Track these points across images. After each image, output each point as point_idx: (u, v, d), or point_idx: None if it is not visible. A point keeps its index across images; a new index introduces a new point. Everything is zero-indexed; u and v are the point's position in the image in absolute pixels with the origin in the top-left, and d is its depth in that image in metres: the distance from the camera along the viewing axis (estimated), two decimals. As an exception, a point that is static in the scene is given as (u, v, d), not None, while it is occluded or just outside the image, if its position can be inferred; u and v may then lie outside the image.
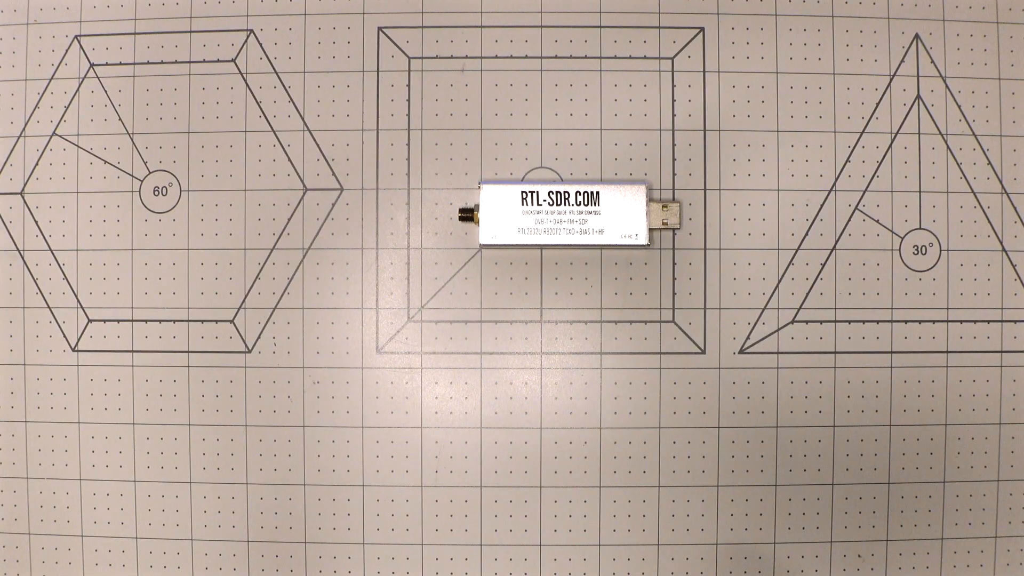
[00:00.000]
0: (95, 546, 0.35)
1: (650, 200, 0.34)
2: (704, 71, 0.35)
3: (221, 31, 0.35)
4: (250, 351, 0.35)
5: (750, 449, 0.35)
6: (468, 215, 0.34)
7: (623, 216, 0.32)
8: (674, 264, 0.35)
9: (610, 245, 0.34)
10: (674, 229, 0.34)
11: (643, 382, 0.35)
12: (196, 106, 0.35)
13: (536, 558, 0.35)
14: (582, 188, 0.32)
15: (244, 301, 0.35)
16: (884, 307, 0.35)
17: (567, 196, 0.32)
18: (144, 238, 0.35)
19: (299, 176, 0.35)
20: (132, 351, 0.35)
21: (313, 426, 0.35)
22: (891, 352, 0.35)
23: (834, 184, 0.35)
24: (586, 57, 0.35)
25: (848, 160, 0.35)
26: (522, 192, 0.32)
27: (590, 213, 0.32)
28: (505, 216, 0.32)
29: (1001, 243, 0.35)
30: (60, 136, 0.35)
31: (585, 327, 0.35)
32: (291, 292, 0.35)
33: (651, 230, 0.34)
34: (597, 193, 0.32)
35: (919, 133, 0.35)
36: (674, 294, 0.35)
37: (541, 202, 0.32)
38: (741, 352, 0.35)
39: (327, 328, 0.35)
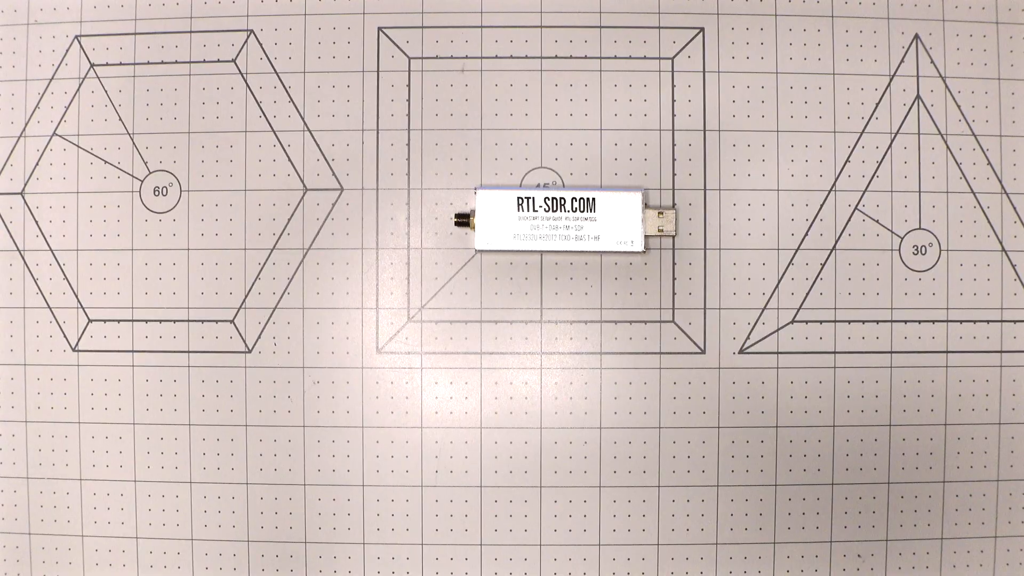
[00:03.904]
0: (95, 546, 0.35)
1: (646, 206, 0.34)
2: (704, 71, 0.35)
3: (221, 31, 0.35)
4: (250, 351, 0.35)
5: (750, 449, 0.35)
6: (464, 220, 0.33)
7: (619, 223, 0.32)
8: (674, 264, 0.35)
9: (606, 252, 0.34)
10: (671, 236, 0.34)
11: (643, 382, 0.35)
12: (196, 106, 0.35)
13: (536, 558, 0.35)
14: (578, 194, 0.32)
15: (244, 301, 0.35)
16: (884, 307, 0.35)
17: (563, 202, 0.32)
18: (144, 238, 0.35)
19: (299, 176, 0.35)
20: (132, 351, 0.35)
21: (313, 426, 0.35)
22: (891, 352, 0.35)
23: (834, 184, 0.35)
24: (586, 57, 0.35)
25: (848, 160, 0.35)
26: (518, 198, 0.32)
27: (586, 219, 0.32)
28: (501, 222, 0.32)
29: (1001, 243, 0.35)
30: (60, 136, 0.35)
31: (585, 327, 0.35)
32: (291, 292, 0.35)
33: (647, 236, 0.34)
34: (593, 200, 0.32)
35: (919, 133, 0.35)
36: (674, 294, 0.35)
37: (537, 208, 0.32)
38: (741, 352, 0.35)
39: (327, 328, 0.35)
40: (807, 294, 0.35)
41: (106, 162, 0.35)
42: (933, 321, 0.35)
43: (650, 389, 0.35)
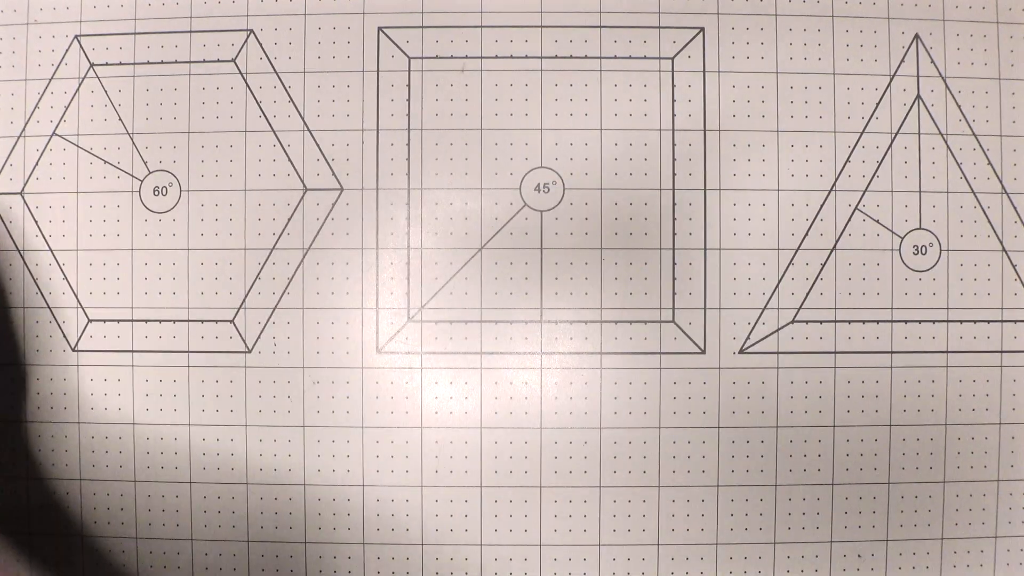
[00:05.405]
0: (95, 546, 0.35)
1: None
2: (704, 71, 0.35)
3: (221, 31, 0.35)
4: (250, 351, 0.35)
5: (750, 449, 0.35)
6: None
7: None
8: (674, 264, 0.35)
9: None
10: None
11: (643, 382, 0.35)
12: (196, 106, 0.35)
13: (536, 558, 0.35)
14: None
15: (244, 301, 0.35)
16: (884, 307, 0.35)
17: None
18: (144, 238, 0.35)
19: (299, 176, 0.35)
20: (132, 351, 0.35)
21: (313, 426, 0.35)
22: (891, 352, 0.35)
23: (834, 184, 0.35)
24: (586, 57, 0.35)
25: (848, 160, 0.35)
26: None
27: None
28: None
29: (1001, 243, 0.35)
30: (60, 136, 0.35)
31: (585, 327, 0.35)
32: (291, 292, 0.35)
33: None
34: None
35: (919, 133, 0.35)
36: (674, 294, 0.35)
37: None
38: (741, 352, 0.35)
39: (327, 328, 0.35)
40: (807, 294, 0.35)
41: (106, 162, 0.35)
42: (933, 321, 0.35)
43: (650, 389, 0.35)
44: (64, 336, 0.35)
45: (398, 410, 0.35)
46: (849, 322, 0.35)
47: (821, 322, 0.35)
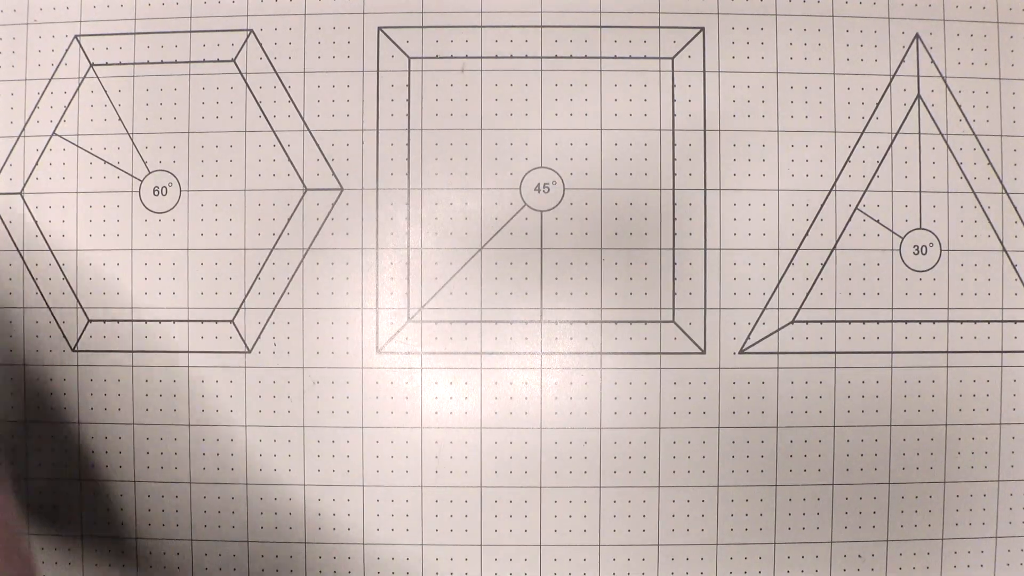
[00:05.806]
0: (95, 546, 0.35)
1: None
2: (704, 71, 0.35)
3: (221, 31, 0.35)
4: (250, 351, 0.35)
5: (750, 449, 0.35)
6: None
7: None
8: (674, 264, 0.35)
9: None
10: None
11: (643, 382, 0.35)
12: (196, 106, 0.35)
13: (536, 558, 0.35)
14: None
15: (244, 301, 0.35)
16: (884, 307, 0.35)
17: None
18: (144, 238, 0.35)
19: (299, 176, 0.35)
20: (132, 351, 0.35)
21: (313, 426, 0.35)
22: (891, 352, 0.35)
23: (834, 184, 0.35)
24: (586, 57, 0.35)
25: (848, 160, 0.35)
26: None
27: None
28: None
29: (1001, 243, 0.35)
30: (60, 136, 0.35)
31: (585, 327, 0.35)
32: (291, 292, 0.35)
33: None
34: None
35: (919, 133, 0.35)
36: (674, 294, 0.35)
37: None
38: (741, 352, 0.35)
39: (327, 328, 0.35)
40: (807, 294, 0.35)
41: (106, 162, 0.35)
42: (934, 321, 0.35)
43: (650, 389, 0.35)
44: (64, 336, 0.35)
45: (398, 410, 0.35)
46: (849, 322, 0.35)
47: (821, 322, 0.35)
